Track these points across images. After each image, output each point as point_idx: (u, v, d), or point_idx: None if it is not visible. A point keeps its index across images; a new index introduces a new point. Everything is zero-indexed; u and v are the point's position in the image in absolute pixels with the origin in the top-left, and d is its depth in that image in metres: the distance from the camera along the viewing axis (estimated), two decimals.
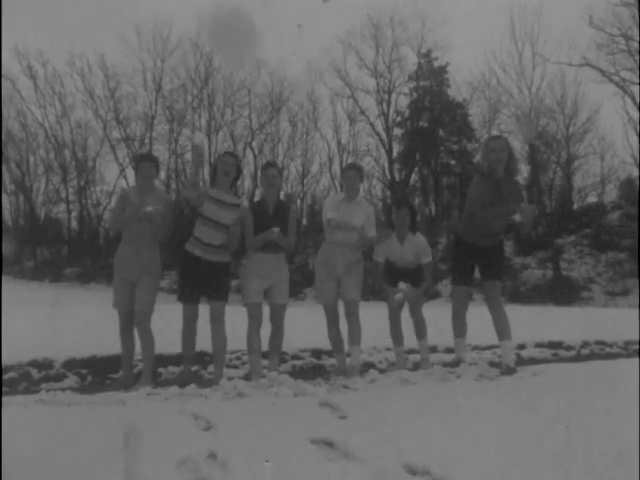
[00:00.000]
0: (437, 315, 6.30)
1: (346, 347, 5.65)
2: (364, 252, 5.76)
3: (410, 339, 5.86)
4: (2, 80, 31.17)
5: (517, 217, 5.00)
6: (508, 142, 5.48)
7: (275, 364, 5.38)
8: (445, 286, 25.47)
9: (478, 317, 5.73)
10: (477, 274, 5.66)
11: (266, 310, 5.36)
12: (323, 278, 5.67)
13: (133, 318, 5.23)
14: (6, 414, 3.41)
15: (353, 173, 5.72)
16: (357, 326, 5.53)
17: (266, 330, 5.35)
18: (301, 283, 28.04)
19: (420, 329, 5.81)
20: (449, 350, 6.39)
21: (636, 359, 6.88)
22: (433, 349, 7.25)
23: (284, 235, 5.25)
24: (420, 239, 5.86)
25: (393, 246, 5.88)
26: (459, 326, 5.75)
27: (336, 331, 5.69)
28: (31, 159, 34.95)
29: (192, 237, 5.19)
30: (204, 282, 5.15)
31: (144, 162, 5.38)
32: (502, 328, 5.36)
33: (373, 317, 5.55)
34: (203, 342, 5.37)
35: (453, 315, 5.73)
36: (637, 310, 13.19)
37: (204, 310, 5.25)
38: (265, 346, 5.33)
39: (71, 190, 34.86)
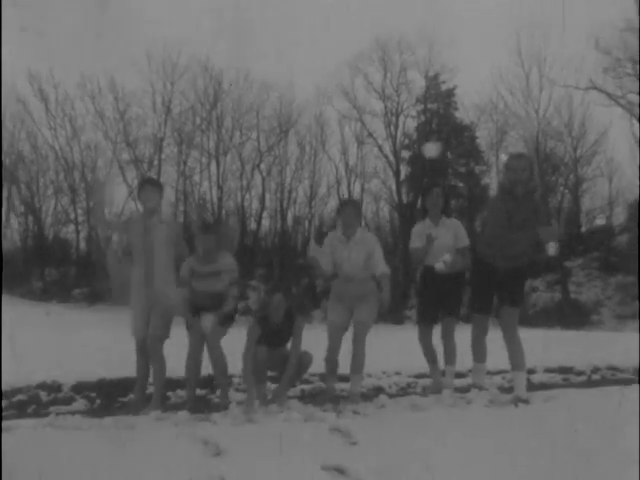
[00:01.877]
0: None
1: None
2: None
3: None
4: (13, 102, 31.51)
5: (549, 247, 4.86)
6: (530, 161, 5.31)
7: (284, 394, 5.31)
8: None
9: (489, 341, 5.67)
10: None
11: None
12: (335, 310, 5.42)
13: None
14: (16, 437, 3.41)
15: (349, 211, 5.40)
16: (361, 352, 5.22)
17: None
18: (308, 306, 28.00)
19: (449, 355, 5.67)
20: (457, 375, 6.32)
21: None
22: (422, 375, 7.17)
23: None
24: (455, 222, 5.67)
25: (428, 231, 5.58)
26: (478, 351, 5.52)
27: (335, 357, 5.35)
28: (41, 180, 35.17)
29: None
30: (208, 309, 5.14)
31: (146, 186, 5.40)
32: (516, 358, 5.15)
33: (385, 341, 5.49)
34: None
35: (472, 341, 5.52)
36: None
37: None
38: None
39: (80, 211, 35.02)
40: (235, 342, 5.13)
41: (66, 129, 34.17)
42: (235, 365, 5.14)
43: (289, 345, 5.18)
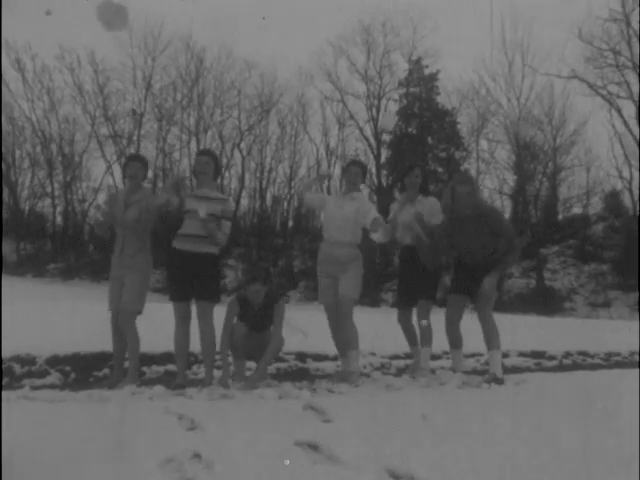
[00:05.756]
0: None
1: None
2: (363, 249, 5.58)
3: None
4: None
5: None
6: (473, 183, 5.46)
7: (264, 370, 5.30)
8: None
9: (463, 324, 5.73)
10: None
11: None
12: (321, 278, 5.50)
13: None
14: None
15: (355, 169, 5.57)
16: (351, 328, 5.26)
17: None
18: (285, 286, 28.05)
19: (424, 337, 5.64)
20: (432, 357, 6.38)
21: (617, 370, 6.95)
22: (396, 356, 7.28)
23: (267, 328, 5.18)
24: (432, 200, 5.69)
25: (404, 207, 5.71)
26: (453, 337, 5.59)
27: (339, 333, 5.45)
28: (17, 152, 34.69)
29: (178, 234, 5.06)
30: (191, 277, 4.96)
31: (132, 162, 5.40)
32: (491, 338, 5.27)
33: (360, 323, 5.48)
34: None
35: (446, 326, 5.59)
36: (619, 322, 13.32)
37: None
38: None
39: (57, 185, 34.66)
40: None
41: (44, 101, 33.75)
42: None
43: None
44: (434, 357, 6.04)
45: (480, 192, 5.43)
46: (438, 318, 5.73)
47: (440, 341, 5.80)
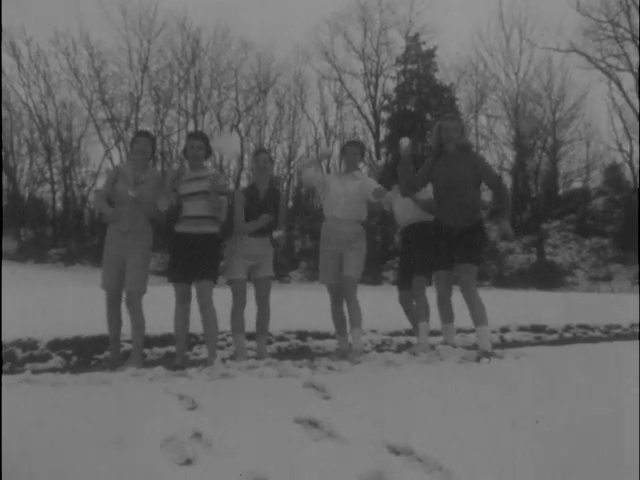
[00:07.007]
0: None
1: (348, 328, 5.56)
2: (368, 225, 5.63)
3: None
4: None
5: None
6: (462, 123, 5.50)
7: (263, 345, 5.36)
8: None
9: (461, 301, 5.74)
10: None
11: (251, 292, 5.34)
12: (324, 258, 5.56)
13: (121, 297, 5.19)
14: None
15: (353, 149, 5.69)
16: (355, 307, 5.36)
17: (251, 311, 5.34)
18: (286, 266, 28.08)
19: (421, 312, 5.74)
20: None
21: (617, 342, 6.97)
22: (397, 333, 7.30)
23: (275, 222, 5.34)
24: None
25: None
26: (445, 312, 5.65)
27: (339, 312, 5.59)
28: (15, 139, 34.57)
29: (179, 218, 5.10)
30: (190, 258, 5.01)
31: (141, 137, 5.43)
32: (477, 313, 5.24)
33: (362, 301, 5.49)
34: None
35: (437, 300, 5.63)
36: (620, 295, 13.34)
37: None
38: (250, 327, 5.32)
39: (56, 170, 34.58)
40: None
41: (40, 86, 33.59)
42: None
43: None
44: (434, 333, 6.03)
45: (467, 131, 5.47)
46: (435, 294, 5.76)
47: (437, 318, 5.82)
